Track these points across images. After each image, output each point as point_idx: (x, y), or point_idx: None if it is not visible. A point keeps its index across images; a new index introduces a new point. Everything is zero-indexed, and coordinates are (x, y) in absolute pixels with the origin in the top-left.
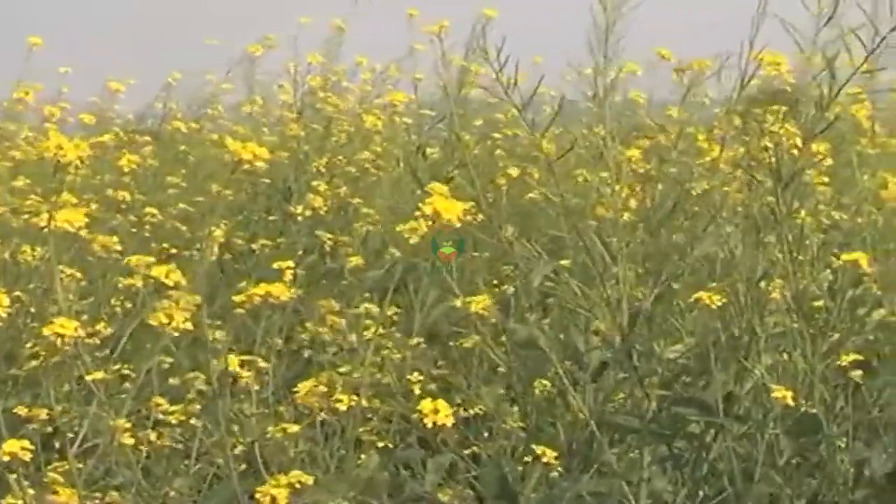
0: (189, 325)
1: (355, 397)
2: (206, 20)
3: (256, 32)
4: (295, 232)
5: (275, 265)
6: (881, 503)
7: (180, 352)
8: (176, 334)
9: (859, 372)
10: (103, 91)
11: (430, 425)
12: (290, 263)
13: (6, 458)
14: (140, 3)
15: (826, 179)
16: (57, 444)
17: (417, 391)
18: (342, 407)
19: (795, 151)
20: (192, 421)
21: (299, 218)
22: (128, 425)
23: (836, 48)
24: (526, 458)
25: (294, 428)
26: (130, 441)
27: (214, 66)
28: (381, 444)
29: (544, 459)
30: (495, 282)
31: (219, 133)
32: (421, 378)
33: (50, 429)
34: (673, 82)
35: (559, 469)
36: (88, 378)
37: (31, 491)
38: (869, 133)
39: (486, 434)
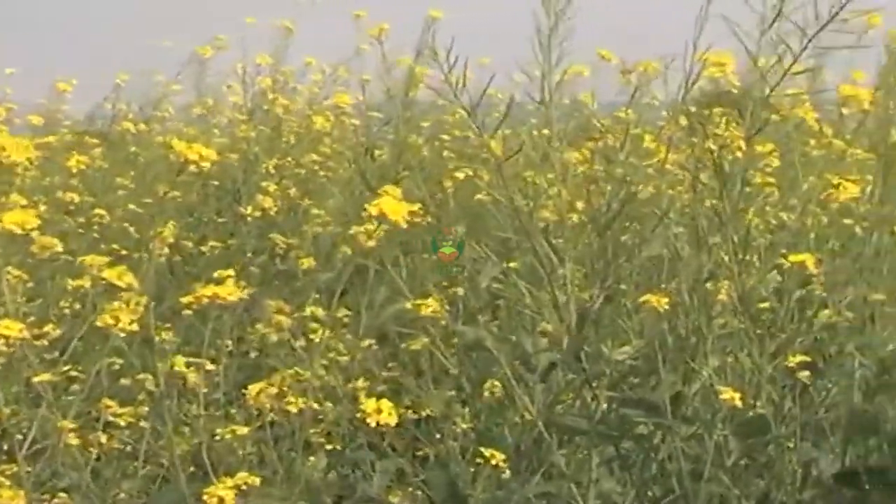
0: (135, 327)
1: (305, 399)
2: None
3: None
4: (245, 233)
5: (216, 275)
6: (829, 503)
7: (131, 353)
8: (123, 335)
9: (807, 373)
10: (51, 92)
11: (373, 425)
12: (231, 272)
13: None
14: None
15: (772, 180)
16: (5, 447)
17: (363, 398)
18: (293, 409)
19: (739, 153)
20: (141, 423)
21: (249, 219)
22: (76, 427)
23: (779, 48)
24: (477, 460)
25: (243, 430)
26: (77, 442)
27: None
28: (329, 447)
29: (493, 462)
30: (445, 283)
31: (168, 135)
32: (367, 385)
33: None
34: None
35: (508, 470)
36: (36, 380)
37: None
38: (817, 134)
39: (437, 436)
